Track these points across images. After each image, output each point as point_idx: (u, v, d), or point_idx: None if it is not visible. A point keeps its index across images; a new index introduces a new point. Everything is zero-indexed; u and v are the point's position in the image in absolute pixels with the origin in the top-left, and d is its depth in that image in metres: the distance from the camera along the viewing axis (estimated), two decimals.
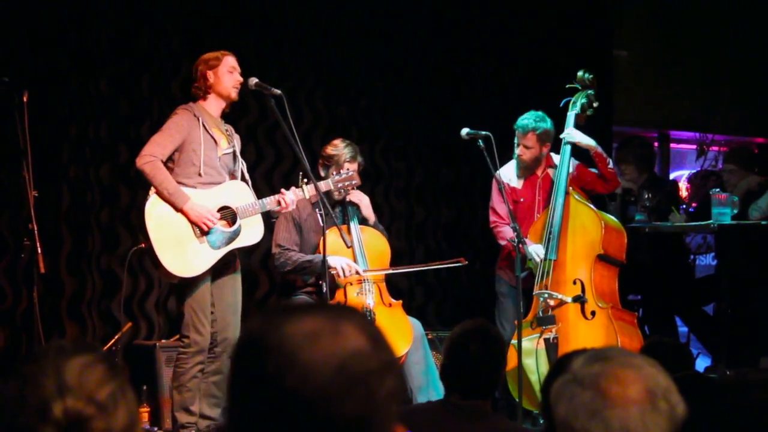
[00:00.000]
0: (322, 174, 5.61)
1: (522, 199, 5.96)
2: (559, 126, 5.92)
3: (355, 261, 5.53)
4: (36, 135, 4.97)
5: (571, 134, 5.83)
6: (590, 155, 5.89)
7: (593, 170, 5.93)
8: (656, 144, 9.11)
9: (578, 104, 5.91)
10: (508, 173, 5.99)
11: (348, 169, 5.44)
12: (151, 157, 4.80)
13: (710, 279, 7.53)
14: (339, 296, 5.43)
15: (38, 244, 4.75)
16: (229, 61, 5.01)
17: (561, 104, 5.95)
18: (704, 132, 9.43)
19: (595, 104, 5.93)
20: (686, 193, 8.68)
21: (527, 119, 5.87)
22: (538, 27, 7.50)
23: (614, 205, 6.87)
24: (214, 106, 5.02)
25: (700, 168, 9.18)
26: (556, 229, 5.66)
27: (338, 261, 5.44)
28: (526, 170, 5.96)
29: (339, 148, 5.60)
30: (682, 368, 3.43)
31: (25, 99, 4.75)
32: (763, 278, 6.79)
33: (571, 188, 5.76)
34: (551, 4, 7.55)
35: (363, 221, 5.76)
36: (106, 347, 5.52)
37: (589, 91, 5.94)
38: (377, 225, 5.86)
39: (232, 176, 5.08)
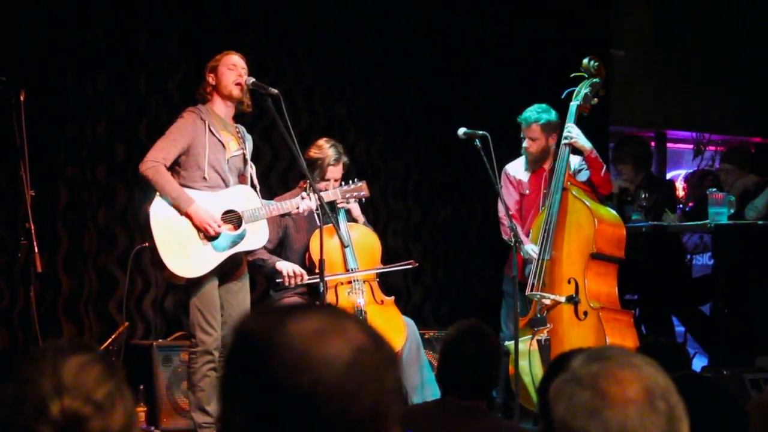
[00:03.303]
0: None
1: (528, 192, 5.97)
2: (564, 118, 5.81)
3: (345, 260, 5.52)
4: (33, 134, 4.96)
5: (571, 132, 5.69)
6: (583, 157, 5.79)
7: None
8: (653, 143, 9.10)
9: (581, 94, 5.73)
10: (516, 167, 6.01)
11: (356, 181, 5.39)
12: (153, 162, 4.77)
13: (707, 279, 7.53)
14: (330, 296, 5.39)
15: (35, 244, 4.74)
16: (230, 60, 4.96)
17: (563, 95, 5.81)
18: (701, 132, 9.45)
19: (601, 93, 5.76)
20: (683, 193, 8.69)
21: (530, 111, 5.86)
22: (535, 27, 7.49)
23: (611, 204, 6.86)
24: (221, 107, 4.98)
25: (697, 168, 9.19)
26: (552, 227, 5.61)
27: (285, 266, 5.38)
28: (534, 163, 5.95)
29: (323, 150, 5.53)
30: (678, 368, 3.42)
31: (22, 98, 4.75)
32: (759, 278, 6.79)
33: (569, 183, 5.67)
34: (548, 3, 7.54)
35: (353, 221, 5.74)
36: (103, 347, 5.51)
37: (595, 80, 5.75)
38: (366, 225, 5.84)
39: (242, 178, 5.03)
